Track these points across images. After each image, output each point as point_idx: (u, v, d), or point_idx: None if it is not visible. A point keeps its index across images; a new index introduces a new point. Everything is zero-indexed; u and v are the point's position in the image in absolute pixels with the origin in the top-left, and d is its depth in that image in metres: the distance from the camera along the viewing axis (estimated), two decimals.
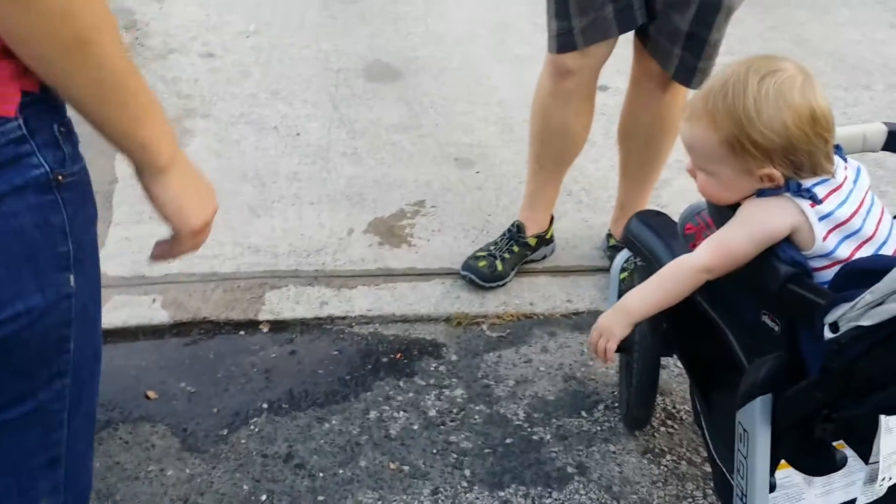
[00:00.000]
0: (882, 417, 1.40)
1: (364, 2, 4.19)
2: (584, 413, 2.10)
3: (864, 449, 1.42)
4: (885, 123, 1.52)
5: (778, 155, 1.26)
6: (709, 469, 1.95)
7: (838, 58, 3.73)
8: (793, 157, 1.26)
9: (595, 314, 2.37)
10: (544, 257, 2.59)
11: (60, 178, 0.88)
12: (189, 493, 1.86)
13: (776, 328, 1.31)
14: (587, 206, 2.84)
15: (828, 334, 1.13)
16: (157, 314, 2.31)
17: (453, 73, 3.60)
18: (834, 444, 1.39)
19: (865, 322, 1.06)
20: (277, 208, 2.76)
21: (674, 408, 2.11)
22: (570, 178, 2.60)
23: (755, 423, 1.32)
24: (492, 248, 2.49)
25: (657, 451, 2.01)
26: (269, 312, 2.36)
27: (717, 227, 1.39)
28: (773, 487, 1.37)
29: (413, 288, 2.48)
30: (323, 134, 3.15)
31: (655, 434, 2.05)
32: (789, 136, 1.24)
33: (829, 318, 1.13)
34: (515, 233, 2.50)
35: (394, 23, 3.98)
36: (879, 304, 1.03)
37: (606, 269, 2.54)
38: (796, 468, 1.41)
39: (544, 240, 2.55)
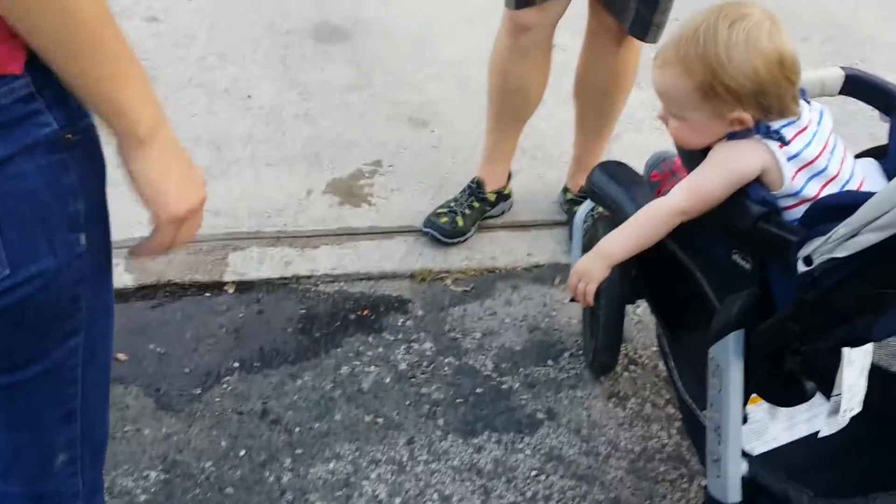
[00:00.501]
0: (845, 351, 1.48)
1: None
2: (550, 362, 2.16)
3: (825, 386, 1.51)
4: (842, 68, 1.59)
5: (749, 98, 1.31)
6: (671, 410, 2.03)
7: (776, 10, 3.82)
8: (762, 99, 1.31)
9: (555, 267, 2.46)
10: (503, 213, 2.63)
11: (70, 136, 0.86)
12: (167, 450, 1.87)
13: (747, 266, 1.37)
14: (541, 162, 2.89)
15: (802, 268, 1.19)
16: (122, 278, 2.29)
17: (403, 32, 3.59)
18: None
19: (840, 254, 1.12)
20: (234, 171, 2.75)
21: (636, 353, 2.18)
22: (524, 136, 2.63)
23: (729, 357, 1.38)
24: (452, 204, 2.52)
25: (622, 395, 2.08)
26: (233, 273, 2.36)
27: (689, 171, 1.45)
28: (745, 419, 1.44)
29: (376, 246, 2.50)
30: (275, 96, 3.12)
31: (619, 379, 2.12)
32: (759, 80, 1.30)
33: (803, 253, 1.19)
34: (475, 189, 2.53)
35: None
36: (853, 237, 1.09)
37: (564, 223, 2.61)
38: (768, 400, 1.49)
39: (503, 195, 2.59)
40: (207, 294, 2.31)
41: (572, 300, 2.02)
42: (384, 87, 3.22)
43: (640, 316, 2.29)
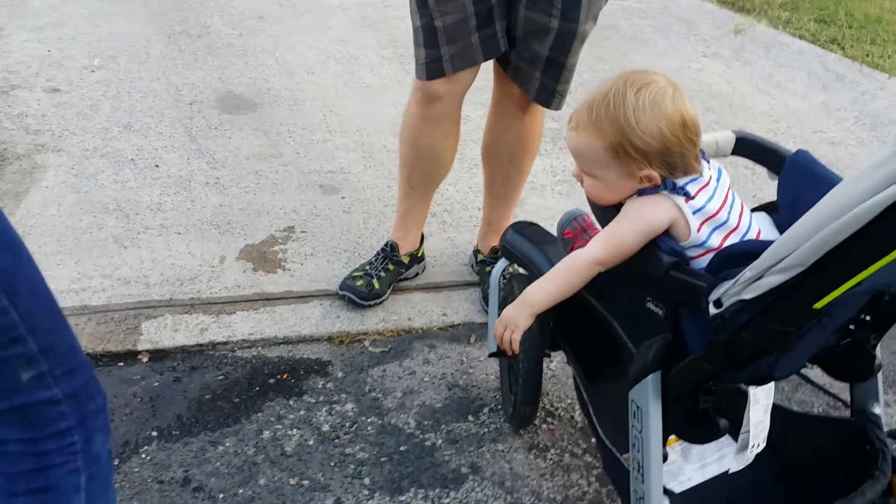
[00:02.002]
0: (751, 390, 1.59)
1: (209, 36, 4.20)
2: (470, 417, 2.21)
3: (733, 426, 1.61)
4: (734, 131, 1.73)
5: (655, 157, 1.42)
6: (589, 459, 2.10)
7: None
8: (668, 158, 1.42)
9: (470, 326, 2.54)
10: (417, 275, 2.69)
11: None
12: None
13: (660, 313, 1.46)
14: (451, 225, 2.98)
15: (713, 310, 1.29)
16: None
17: (308, 103, 3.66)
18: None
19: (747, 296, 1.22)
20: (144, 239, 2.73)
21: (552, 406, 2.26)
22: (433, 201, 2.72)
23: (648, 398, 1.46)
24: (367, 267, 2.57)
25: (542, 446, 2.14)
26: (147, 342, 2.34)
27: (602, 226, 1.54)
28: (665, 457, 1.52)
29: (293, 310, 2.52)
30: (183, 165, 3.13)
31: (538, 431, 2.18)
32: (664, 141, 1.41)
33: (713, 296, 1.29)
34: (389, 252, 2.59)
35: (243, 56, 4.01)
36: (758, 279, 1.19)
37: (476, 284, 2.69)
38: (685, 438, 1.58)
39: (416, 258, 2.66)
40: (120, 364, 2.28)
41: (491, 355, 2.10)
42: (294, 156, 3.27)
43: (553, 370, 2.37)
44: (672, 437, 1.81)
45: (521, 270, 2.02)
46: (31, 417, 1.15)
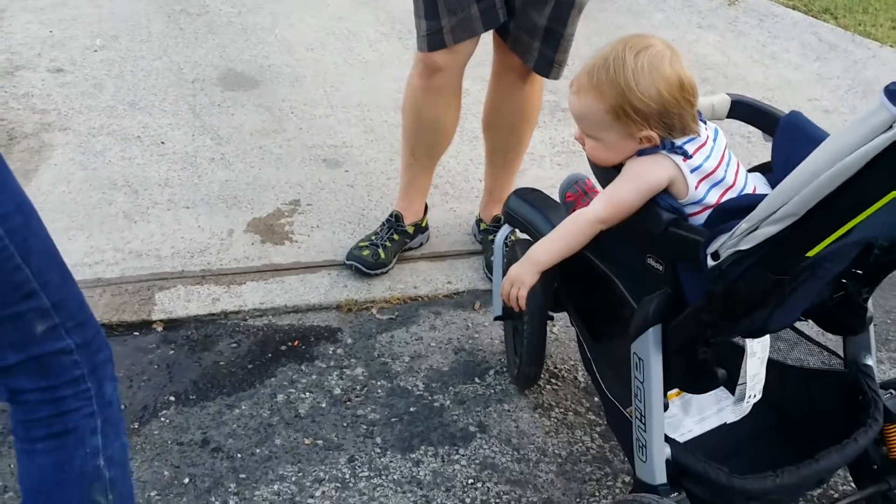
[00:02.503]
0: (747, 343, 1.66)
1: (209, 14, 4.23)
2: (477, 379, 2.28)
3: (731, 380, 1.68)
4: (729, 94, 1.79)
5: (654, 118, 1.48)
6: (592, 417, 2.18)
7: None
8: (666, 119, 1.48)
9: (474, 293, 2.60)
10: (421, 245, 2.76)
11: None
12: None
13: (660, 268, 1.53)
14: (453, 196, 3.04)
15: (710, 263, 1.36)
16: None
17: (308, 79, 3.71)
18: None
19: (743, 246, 1.28)
20: (154, 214, 2.79)
21: (556, 368, 2.33)
22: (435, 173, 2.78)
23: (649, 350, 1.53)
24: (373, 237, 2.64)
25: (546, 405, 2.21)
26: (161, 312, 2.40)
27: (604, 187, 1.60)
28: (665, 407, 1.59)
29: (301, 280, 2.58)
30: (188, 141, 3.18)
31: (542, 392, 2.25)
32: (663, 102, 1.47)
33: (711, 249, 1.35)
34: (394, 222, 2.65)
35: (243, 33, 4.05)
36: (754, 230, 1.26)
37: (479, 252, 2.76)
38: (684, 389, 1.65)
39: (420, 228, 2.72)
40: (136, 333, 2.34)
41: (497, 318, 2.17)
42: (297, 132, 3.33)
43: (556, 334, 2.44)
44: (672, 392, 1.88)
45: (523, 236, 2.08)
46: (46, 367, 1.23)
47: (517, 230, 2.11)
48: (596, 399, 2.23)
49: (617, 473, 2.01)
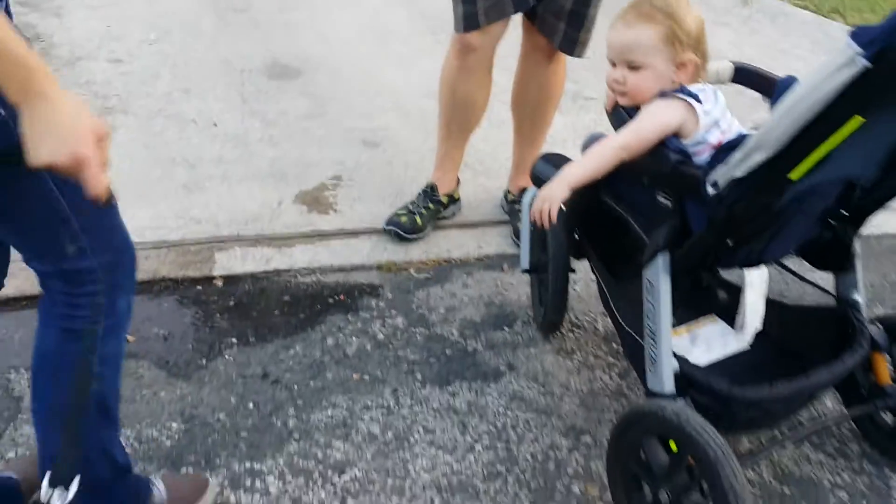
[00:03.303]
0: (746, 275, 1.89)
1: (252, 10, 4.52)
2: (505, 328, 2.52)
3: (730, 318, 1.91)
4: (732, 62, 2.02)
5: (694, 43, 1.75)
6: (611, 360, 2.41)
7: None
8: (701, 46, 1.77)
9: (503, 257, 2.85)
10: (454, 215, 3.01)
11: None
12: (184, 407, 2.15)
13: (669, 203, 1.77)
14: (482, 173, 3.28)
15: (711, 191, 1.59)
16: None
17: (347, 70, 3.98)
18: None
19: (738, 173, 1.51)
20: (210, 186, 3.06)
21: (577, 319, 2.56)
22: (466, 153, 3.02)
23: (659, 275, 1.76)
24: (410, 206, 2.89)
25: (568, 350, 2.44)
26: (221, 269, 2.66)
27: None
28: (672, 325, 1.82)
29: (345, 244, 2.84)
30: (238, 124, 3.46)
31: (565, 339, 2.49)
32: (699, 29, 1.77)
33: (711, 179, 1.58)
34: (430, 192, 2.90)
35: (284, 28, 4.33)
36: (746, 159, 1.49)
37: (507, 222, 3.00)
38: (690, 310, 1.88)
39: (453, 199, 2.97)
40: (199, 287, 2.60)
41: (524, 271, 2.41)
42: (338, 116, 3.59)
43: (578, 291, 2.67)
44: (681, 328, 2.11)
45: None
46: (70, 279, 1.48)
47: None
48: (614, 345, 2.46)
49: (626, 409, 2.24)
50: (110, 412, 1.67)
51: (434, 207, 2.90)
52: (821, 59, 1.98)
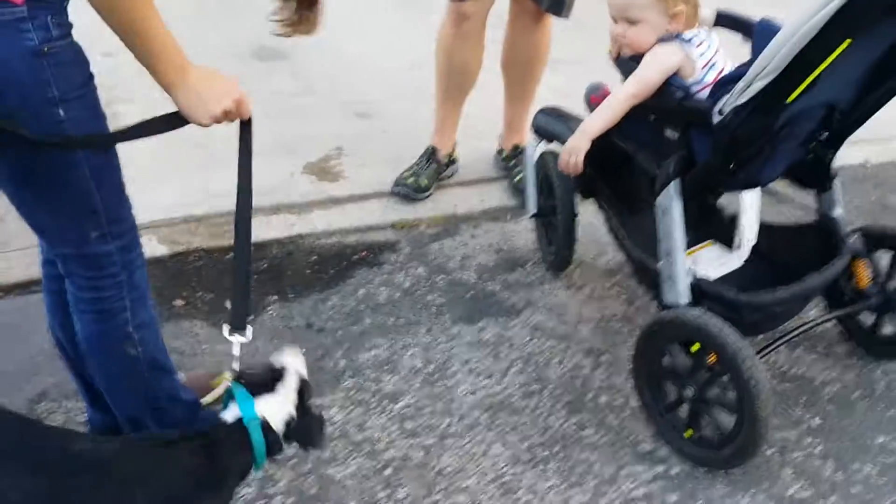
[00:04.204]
0: (742, 197, 2.15)
1: None
2: (518, 269, 2.76)
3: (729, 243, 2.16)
4: (716, 9, 2.26)
5: None
6: (617, 290, 2.66)
7: None
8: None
9: (505, 209, 3.09)
10: (453, 175, 3.23)
11: (46, 49, 1.40)
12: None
13: (675, 136, 2.01)
14: (474, 136, 3.49)
15: (717, 118, 1.83)
16: (157, 249, 2.74)
17: (332, 50, 4.15)
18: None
19: (741, 101, 1.76)
20: (223, 163, 3.19)
21: (581, 258, 2.80)
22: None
23: (672, 200, 2.01)
24: (414, 167, 3.10)
25: (578, 285, 2.69)
26: None
27: (626, 79, 2.08)
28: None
29: (358, 207, 3.05)
30: None
31: (573, 275, 2.73)
32: None
33: (717, 107, 1.82)
34: (431, 154, 3.12)
35: (265, 14, 4.48)
36: (748, 87, 1.74)
37: (504, 178, 3.23)
38: (699, 231, 2.13)
39: (452, 160, 3.19)
40: (231, 254, 2.78)
41: (532, 216, 2.64)
42: (329, 93, 3.79)
43: (579, 236, 2.92)
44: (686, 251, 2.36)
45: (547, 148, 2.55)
46: (92, 263, 1.64)
47: (544, 141, 2.58)
48: (617, 278, 2.71)
49: (641, 328, 2.48)
50: (163, 365, 1.86)
51: (436, 168, 3.12)
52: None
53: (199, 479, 1.51)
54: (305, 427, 1.62)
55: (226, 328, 1.64)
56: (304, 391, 1.64)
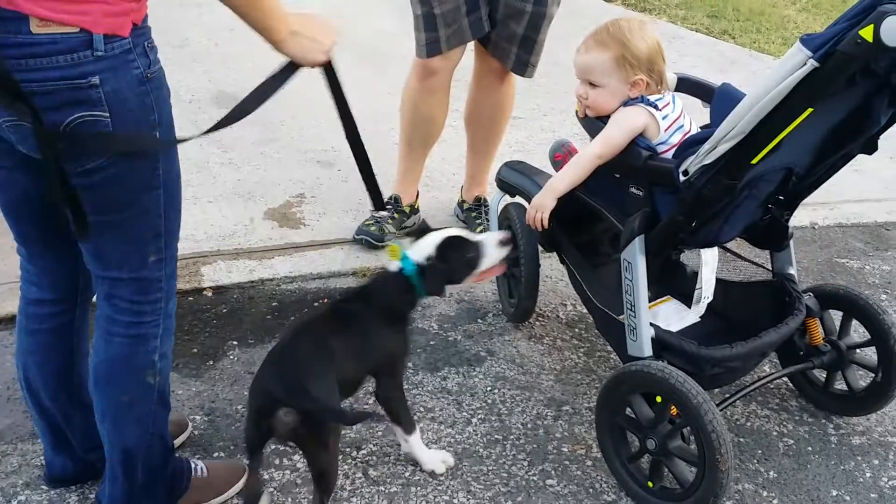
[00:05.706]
0: (702, 254, 2.22)
1: (189, 46, 4.67)
2: (479, 320, 2.79)
3: (687, 299, 2.23)
4: (676, 73, 2.35)
5: (645, 65, 2.04)
6: (577, 342, 2.70)
7: None
8: (652, 67, 2.05)
9: None
10: (415, 224, 3.26)
11: (148, 75, 1.51)
12: (203, 402, 2.33)
13: (640, 194, 2.08)
14: (434, 188, 3.55)
15: (681, 178, 1.90)
16: None
17: (292, 98, 4.17)
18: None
19: (707, 161, 1.83)
20: (183, 207, 3.21)
21: (541, 309, 2.85)
22: None
23: (636, 255, 2.07)
24: (377, 216, 3.13)
25: (538, 336, 2.73)
26: (209, 280, 2.84)
27: (592, 137, 2.15)
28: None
29: (320, 254, 3.05)
30: (198, 150, 3.62)
31: (534, 326, 2.77)
32: (650, 53, 2.04)
33: (682, 168, 1.90)
34: (394, 203, 3.15)
35: (224, 62, 4.51)
36: (714, 149, 1.81)
37: (464, 229, 3.26)
38: (663, 286, 2.19)
39: (415, 209, 3.23)
40: (191, 297, 2.77)
41: None
42: (291, 140, 3.81)
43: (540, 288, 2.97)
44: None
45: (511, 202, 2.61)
46: (142, 287, 1.69)
47: (507, 195, 2.63)
48: (577, 329, 2.76)
49: (601, 379, 2.53)
50: (167, 400, 1.87)
51: (398, 217, 3.15)
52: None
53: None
54: (437, 269, 2.07)
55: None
56: (446, 245, 2.11)
